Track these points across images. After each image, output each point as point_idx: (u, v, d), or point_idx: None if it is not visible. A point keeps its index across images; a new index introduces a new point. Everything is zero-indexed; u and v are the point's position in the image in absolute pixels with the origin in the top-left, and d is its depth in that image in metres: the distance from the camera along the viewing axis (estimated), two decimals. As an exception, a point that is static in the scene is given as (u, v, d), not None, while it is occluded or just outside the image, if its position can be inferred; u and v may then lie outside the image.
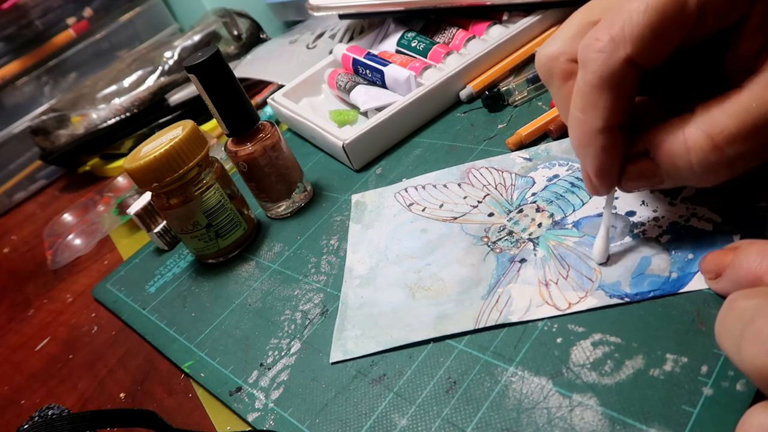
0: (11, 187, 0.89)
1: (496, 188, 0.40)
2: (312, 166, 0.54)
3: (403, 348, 0.33)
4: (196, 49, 0.77)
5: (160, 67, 0.79)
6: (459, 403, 0.29)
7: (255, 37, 0.84)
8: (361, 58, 0.56)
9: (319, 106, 0.60)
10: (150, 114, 0.78)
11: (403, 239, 0.40)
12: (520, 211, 0.37)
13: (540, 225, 0.36)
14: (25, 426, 0.35)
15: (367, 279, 0.38)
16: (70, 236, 0.65)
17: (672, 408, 0.24)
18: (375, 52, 0.58)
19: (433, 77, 0.51)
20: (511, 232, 0.36)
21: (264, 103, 0.70)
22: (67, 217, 0.68)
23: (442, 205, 0.41)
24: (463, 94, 0.51)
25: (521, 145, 0.42)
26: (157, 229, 0.53)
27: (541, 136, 0.42)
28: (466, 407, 0.28)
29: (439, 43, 0.55)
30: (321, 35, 0.71)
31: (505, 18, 0.55)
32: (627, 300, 0.29)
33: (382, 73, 0.53)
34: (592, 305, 0.29)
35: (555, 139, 0.42)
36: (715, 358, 0.25)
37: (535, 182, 0.39)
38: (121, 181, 0.68)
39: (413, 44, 0.57)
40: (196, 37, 0.81)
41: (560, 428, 0.25)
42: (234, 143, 0.46)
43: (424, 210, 0.41)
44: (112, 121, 0.77)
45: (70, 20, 0.91)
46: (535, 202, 0.37)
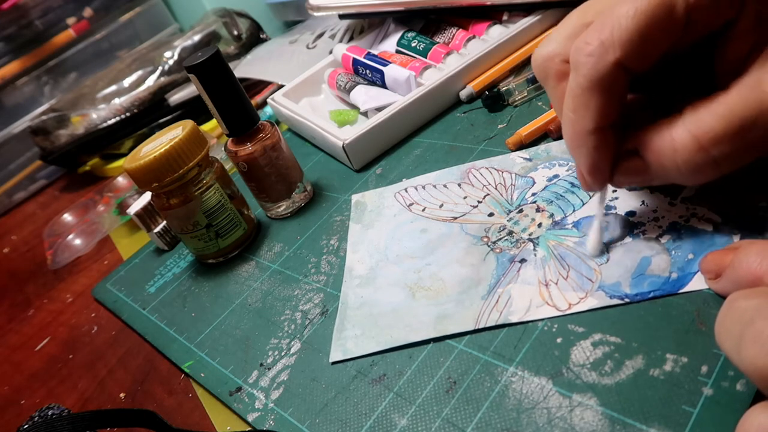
0: (11, 187, 0.89)
1: (496, 188, 0.40)
2: (312, 166, 0.54)
3: (403, 348, 0.33)
4: (196, 49, 0.77)
5: (160, 67, 0.79)
6: (459, 403, 0.29)
7: (255, 37, 0.84)
8: (361, 58, 0.56)
9: (319, 106, 0.60)
10: (150, 114, 0.78)
11: (403, 239, 0.40)
12: (520, 211, 0.37)
13: (540, 225, 0.36)
14: (25, 426, 0.35)
15: (367, 279, 0.38)
16: (70, 236, 0.65)
17: (672, 408, 0.24)
18: (375, 52, 0.58)
19: (433, 77, 0.51)
20: (511, 232, 0.36)
21: (264, 103, 0.70)
22: (67, 217, 0.68)
23: (442, 205, 0.41)
24: (463, 94, 0.51)
25: (521, 145, 0.42)
26: (157, 229, 0.53)
27: (541, 136, 0.42)
28: (466, 407, 0.28)
29: (439, 43, 0.55)
30: (321, 35, 0.71)
31: (505, 18, 0.55)
32: (627, 300, 0.29)
33: (382, 73, 0.53)
34: (592, 306, 0.29)
35: (555, 139, 0.42)
36: (715, 358, 0.25)
37: (535, 182, 0.39)
38: (121, 181, 0.68)
39: (413, 44, 0.57)
40: (196, 37, 0.81)
41: (560, 428, 0.25)
42: (234, 143, 0.46)
43: (424, 210, 0.41)
44: (112, 121, 0.77)
45: (70, 20, 0.91)
46: (535, 202, 0.37)
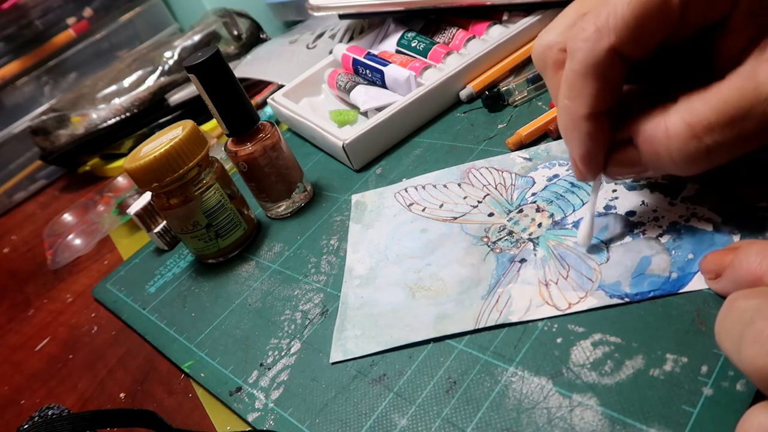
0: (11, 187, 0.89)
1: (496, 188, 0.40)
2: (312, 166, 0.54)
3: (403, 348, 0.33)
4: (196, 49, 0.77)
5: (160, 67, 0.79)
6: (459, 403, 0.29)
7: (255, 37, 0.84)
8: (361, 58, 0.56)
9: (319, 106, 0.60)
10: (150, 114, 0.78)
11: (403, 239, 0.40)
12: (520, 211, 0.37)
13: (540, 225, 0.36)
14: (25, 426, 0.35)
15: (367, 279, 0.38)
16: (70, 236, 0.65)
17: (672, 408, 0.24)
18: (375, 52, 0.58)
19: (433, 77, 0.51)
20: (511, 232, 0.36)
21: (264, 103, 0.70)
22: (67, 217, 0.68)
23: (442, 205, 0.41)
24: (463, 94, 0.51)
25: (521, 145, 0.42)
26: (157, 229, 0.53)
27: (541, 136, 0.42)
28: (466, 407, 0.28)
29: (439, 43, 0.55)
30: (321, 35, 0.71)
31: (505, 18, 0.55)
32: (627, 300, 0.29)
33: (382, 73, 0.53)
34: (592, 305, 0.29)
35: (555, 139, 0.42)
36: (715, 358, 0.25)
37: (535, 182, 0.39)
38: (121, 181, 0.68)
39: (413, 44, 0.57)
40: (196, 37, 0.81)
41: (560, 428, 0.25)
42: (234, 143, 0.46)
43: (424, 210, 0.41)
44: (112, 121, 0.77)
45: (70, 20, 0.91)
46: (535, 202, 0.37)
